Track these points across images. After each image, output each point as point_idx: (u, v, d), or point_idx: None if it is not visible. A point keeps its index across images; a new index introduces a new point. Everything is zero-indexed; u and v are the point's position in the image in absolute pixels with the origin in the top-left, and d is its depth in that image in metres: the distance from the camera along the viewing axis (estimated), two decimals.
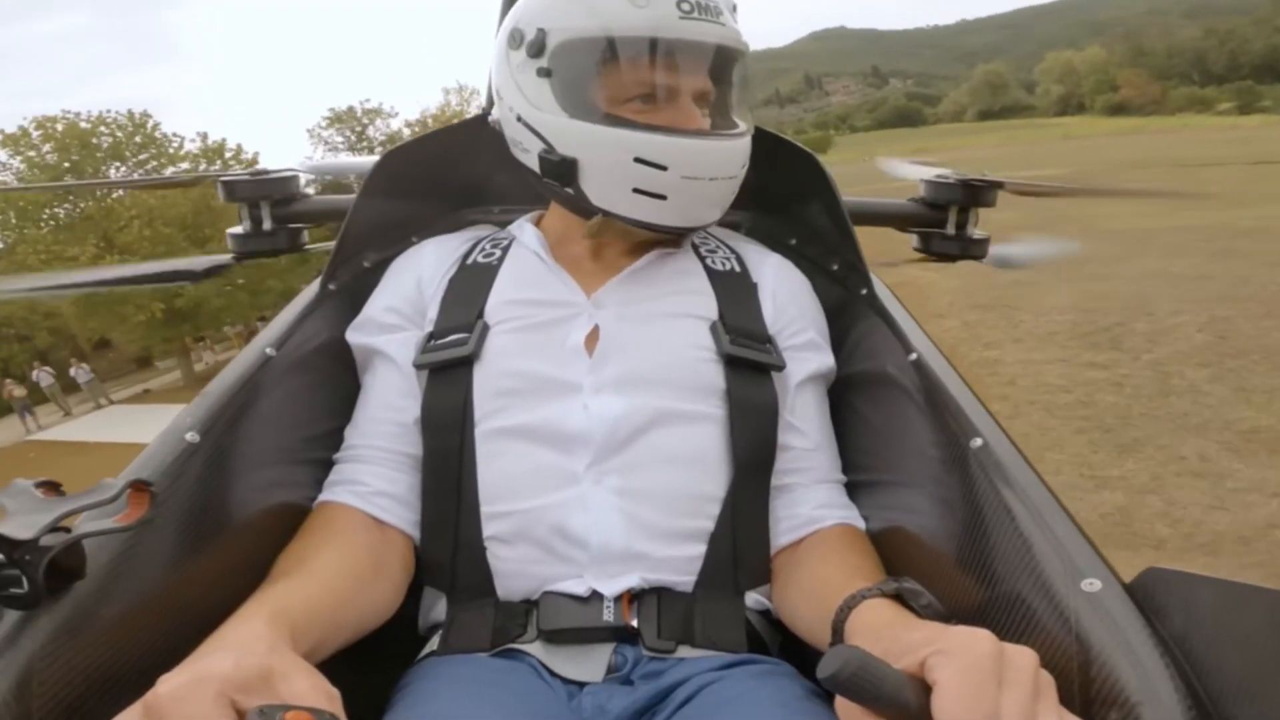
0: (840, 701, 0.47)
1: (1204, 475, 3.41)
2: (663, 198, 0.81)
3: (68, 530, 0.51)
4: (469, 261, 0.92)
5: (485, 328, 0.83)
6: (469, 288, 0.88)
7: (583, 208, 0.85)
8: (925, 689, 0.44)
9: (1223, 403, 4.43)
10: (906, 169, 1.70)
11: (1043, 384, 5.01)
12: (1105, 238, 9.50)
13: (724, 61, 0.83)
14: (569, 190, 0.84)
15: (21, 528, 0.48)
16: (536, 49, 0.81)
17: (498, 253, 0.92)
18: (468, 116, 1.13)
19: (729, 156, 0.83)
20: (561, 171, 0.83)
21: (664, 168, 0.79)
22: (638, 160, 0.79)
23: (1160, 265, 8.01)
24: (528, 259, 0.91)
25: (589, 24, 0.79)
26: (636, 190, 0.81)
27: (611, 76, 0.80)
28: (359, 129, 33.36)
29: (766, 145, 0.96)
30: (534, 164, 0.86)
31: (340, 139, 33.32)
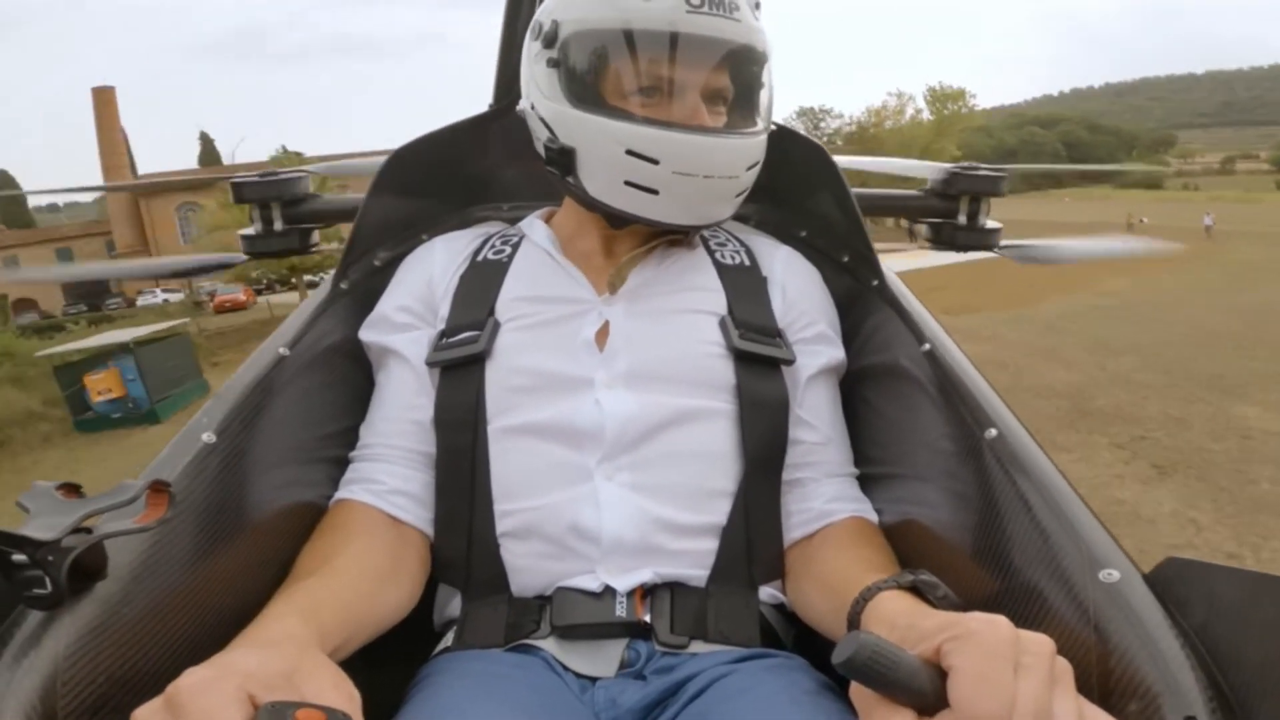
0: (855, 687, 0.47)
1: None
2: (655, 192, 0.80)
3: (89, 531, 0.51)
4: (479, 258, 0.92)
5: (496, 325, 0.83)
6: (480, 285, 0.88)
7: (583, 199, 0.85)
8: (941, 674, 0.44)
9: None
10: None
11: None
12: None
13: (735, 58, 0.81)
14: (569, 180, 0.84)
15: (44, 529, 0.48)
16: (549, 40, 0.81)
17: (508, 249, 0.92)
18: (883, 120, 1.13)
19: (728, 155, 0.81)
20: (561, 160, 0.83)
21: (655, 161, 0.78)
22: (630, 153, 0.78)
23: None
24: (538, 256, 0.91)
25: (597, 15, 0.79)
26: (629, 183, 0.80)
27: (615, 68, 0.79)
28: (814, 123, 48.50)
29: (776, 137, 0.95)
30: (543, 153, 0.86)
31: (801, 129, 49.28)
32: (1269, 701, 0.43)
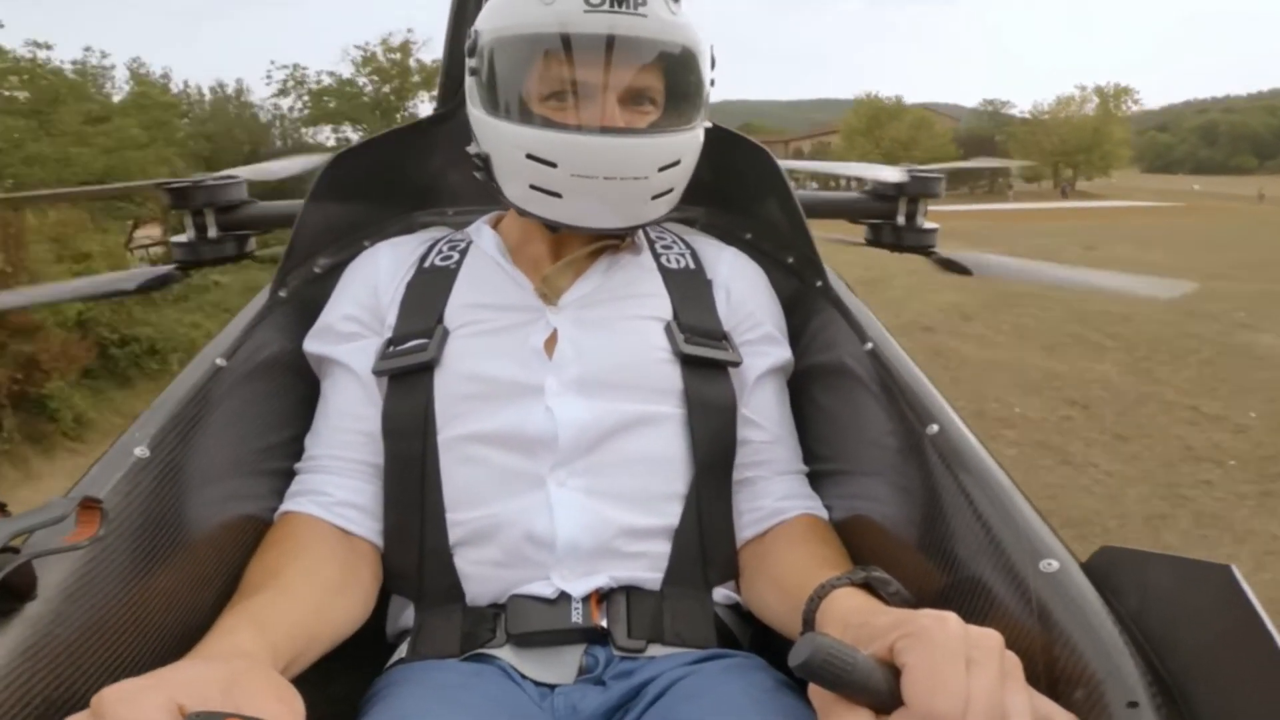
0: (813, 689, 0.48)
1: None
2: (557, 195, 0.79)
3: (16, 551, 0.49)
4: (426, 265, 0.90)
5: (445, 332, 0.82)
6: (428, 292, 0.87)
7: (507, 204, 0.86)
8: (895, 672, 0.45)
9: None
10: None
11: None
12: None
13: (645, 55, 0.78)
14: (494, 185, 0.85)
15: None
16: (472, 49, 0.82)
17: (455, 255, 0.91)
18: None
19: (628, 156, 0.78)
20: (484, 167, 0.84)
21: (553, 164, 0.77)
22: (530, 157, 0.78)
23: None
24: (486, 262, 0.90)
25: (503, 23, 0.79)
26: (533, 187, 0.80)
27: (520, 74, 0.79)
28: (995, 110, 56.89)
29: (720, 141, 0.96)
30: None
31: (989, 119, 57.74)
32: (1204, 685, 0.45)
